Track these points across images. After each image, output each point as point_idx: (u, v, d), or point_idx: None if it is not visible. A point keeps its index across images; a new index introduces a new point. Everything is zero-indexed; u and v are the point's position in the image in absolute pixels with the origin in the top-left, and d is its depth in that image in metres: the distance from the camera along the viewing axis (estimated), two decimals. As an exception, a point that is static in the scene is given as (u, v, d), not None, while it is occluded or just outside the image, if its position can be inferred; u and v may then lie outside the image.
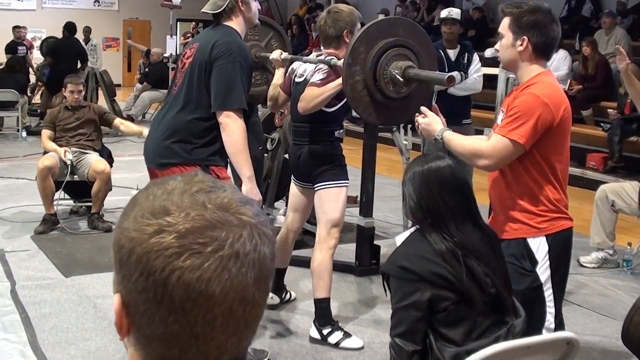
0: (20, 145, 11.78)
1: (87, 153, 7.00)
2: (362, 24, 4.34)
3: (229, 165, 4.17)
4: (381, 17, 6.89)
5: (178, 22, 23.01)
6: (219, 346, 0.95)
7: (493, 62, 8.49)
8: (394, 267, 2.77)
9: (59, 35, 16.16)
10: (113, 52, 25.42)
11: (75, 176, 6.91)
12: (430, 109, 3.55)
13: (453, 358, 2.63)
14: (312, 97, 4.35)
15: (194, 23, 23.81)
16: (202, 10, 4.14)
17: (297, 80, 4.65)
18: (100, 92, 13.78)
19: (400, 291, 2.74)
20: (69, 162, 6.76)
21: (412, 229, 2.93)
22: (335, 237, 4.57)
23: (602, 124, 10.71)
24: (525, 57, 3.33)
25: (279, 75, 4.86)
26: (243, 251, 0.94)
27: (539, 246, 3.33)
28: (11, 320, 4.78)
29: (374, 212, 6.18)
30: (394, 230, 7.13)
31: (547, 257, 3.33)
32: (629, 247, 6.32)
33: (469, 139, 3.56)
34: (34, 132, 12.03)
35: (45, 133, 7.12)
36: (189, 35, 22.90)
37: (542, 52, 3.36)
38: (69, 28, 13.83)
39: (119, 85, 20.76)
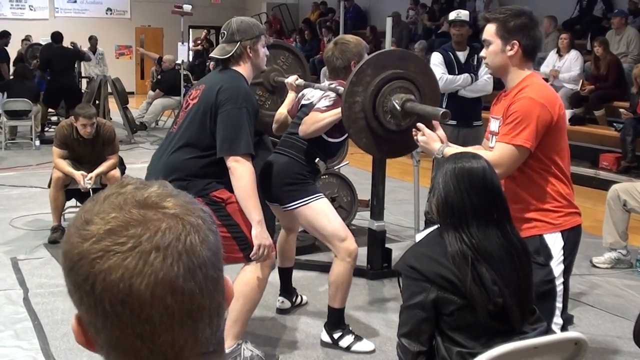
0: (33, 154, 11.84)
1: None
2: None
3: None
4: (389, 20, 6.93)
5: (190, 29, 23.11)
6: (172, 344, 0.94)
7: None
8: (405, 265, 2.76)
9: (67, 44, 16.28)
10: (126, 59, 25.54)
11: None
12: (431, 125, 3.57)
13: (461, 358, 2.62)
14: (313, 122, 4.35)
15: (205, 30, 23.95)
16: (211, 55, 4.17)
17: (303, 102, 4.67)
18: (112, 99, 13.83)
19: (408, 290, 2.73)
20: (88, 189, 6.61)
21: (432, 228, 2.92)
22: (348, 247, 4.41)
23: (614, 124, 10.66)
24: (515, 61, 3.37)
25: (289, 100, 4.88)
26: (163, 244, 0.92)
27: (555, 241, 3.35)
28: (24, 327, 4.80)
29: (386, 216, 6.18)
30: (406, 234, 7.13)
31: (562, 252, 3.36)
32: (642, 247, 6.29)
33: None
34: (47, 141, 12.07)
35: (57, 152, 6.87)
36: (199, 41, 23.03)
37: (530, 55, 3.41)
38: (55, 38, 13.87)
39: (132, 93, 20.85)
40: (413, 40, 16.20)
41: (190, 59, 18.79)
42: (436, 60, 7.06)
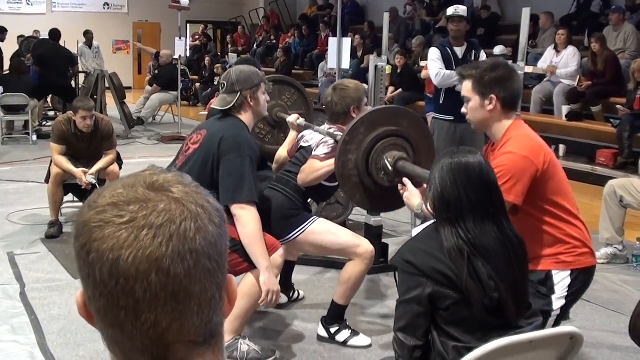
0: (31, 149, 11.81)
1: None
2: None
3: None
4: (387, 15, 6.93)
5: (188, 24, 23.06)
6: (155, 324, 0.96)
7: (502, 59, 8.45)
8: (401, 260, 2.76)
9: (70, 39, 16.24)
10: (123, 54, 25.52)
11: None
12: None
13: (456, 353, 2.63)
14: (312, 171, 4.39)
15: (203, 25, 23.92)
16: (212, 106, 4.19)
17: (303, 144, 4.69)
18: (109, 94, 13.82)
19: (404, 285, 2.74)
20: (90, 186, 6.60)
21: (429, 222, 2.93)
22: (366, 250, 4.39)
23: (611, 120, 10.66)
24: (496, 115, 3.39)
25: (290, 140, 4.92)
26: (157, 223, 0.95)
27: (562, 279, 3.36)
28: (20, 322, 4.80)
29: (383, 211, 6.18)
30: (403, 229, 7.14)
31: (567, 289, 3.37)
32: (638, 242, 6.29)
33: None
34: (44, 136, 12.07)
35: (56, 148, 6.84)
36: (198, 37, 23.01)
37: (510, 106, 3.42)
38: (53, 35, 13.82)
39: (129, 88, 20.83)
40: (410, 36, 16.20)
41: (188, 54, 18.75)
42: (434, 56, 7.07)
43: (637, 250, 6.25)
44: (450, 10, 7.24)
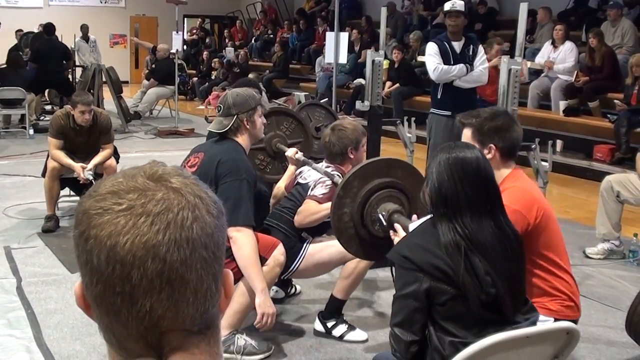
0: (27, 143, 11.79)
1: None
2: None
3: None
4: (384, 10, 6.92)
5: (185, 18, 23.04)
6: (150, 311, 0.96)
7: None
8: (398, 255, 2.76)
9: (66, 33, 16.22)
10: (120, 49, 25.50)
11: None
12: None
13: (453, 348, 2.62)
14: (309, 213, 4.43)
15: (200, 19, 23.90)
16: (209, 129, 4.21)
17: (300, 181, 4.70)
18: (106, 88, 13.80)
19: (401, 280, 2.73)
20: (88, 180, 6.60)
21: (426, 218, 2.92)
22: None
23: (609, 116, 10.66)
24: (494, 164, 3.39)
25: (288, 174, 4.94)
26: (155, 211, 0.96)
27: (545, 323, 3.37)
28: (17, 316, 4.79)
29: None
30: (400, 224, 7.13)
31: None
32: (634, 238, 6.30)
33: None
34: (41, 130, 12.05)
35: (54, 143, 6.81)
36: (195, 31, 22.98)
37: (508, 155, 3.47)
38: (47, 29, 13.81)
39: (126, 82, 20.81)
40: (408, 31, 16.19)
41: (185, 48, 18.74)
42: (431, 51, 7.06)
43: (633, 245, 6.26)
44: (447, 5, 7.22)
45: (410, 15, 17.41)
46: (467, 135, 3.48)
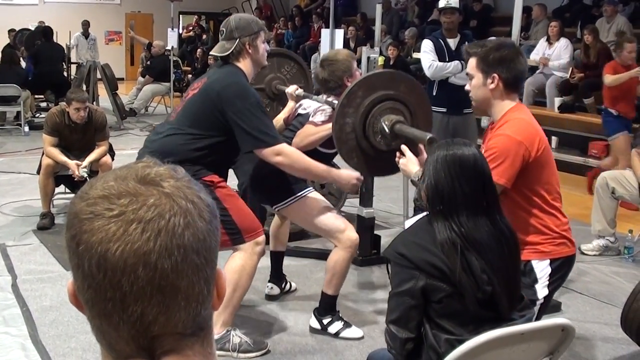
0: (22, 140, 11.75)
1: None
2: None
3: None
4: (379, 7, 6.91)
5: (180, 15, 23.00)
6: (141, 317, 0.96)
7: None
8: (394, 252, 2.75)
9: (62, 30, 16.18)
10: (116, 45, 25.43)
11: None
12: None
13: (449, 345, 2.63)
14: (306, 135, 4.41)
15: (196, 16, 23.86)
16: (211, 53, 4.18)
17: (300, 111, 4.69)
18: (101, 85, 13.78)
19: (397, 277, 2.73)
20: (83, 178, 6.59)
21: (422, 215, 2.92)
22: (350, 237, 4.41)
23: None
24: (497, 94, 3.39)
25: (288, 109, 4.91)
26: (146, 217, 0.95)
27: (542, 268, 3.39)
28: (12, 314, 4.79)
29: (376, 202, 6.19)
30: (395, 220, 7.15)
31: (548, 278, 3.39)
32: (630, 234, 6.32)
33: None
34: (36, 127, 12.02)
35: (49, 140, 6.81)
36: (192, 28, 22.94)
37: (512, 87, 3.43)
38: (45, 34, 13.85)
39: (122, 79, 20.75)
40: (403, 27, 16.18)
41: (182, 45, 18.72)
42: (426, 48, 7.06)
43: (628, 242, 6.27)
44: (442, 2, 7.22)
45: (405, 11, 17.40)
46: (471, 64, 3.45)
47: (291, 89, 4.93)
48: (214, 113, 3.92)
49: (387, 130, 3.78)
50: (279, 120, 4.87)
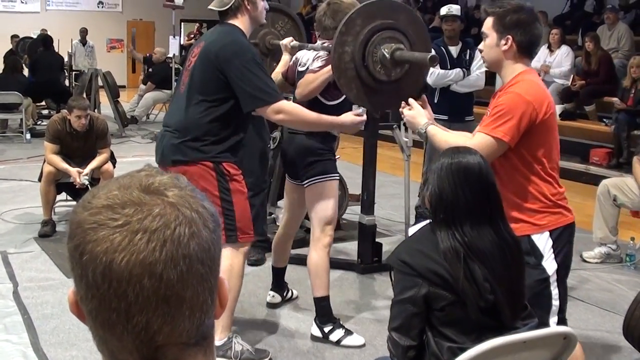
0: (24, 147, 11.75)
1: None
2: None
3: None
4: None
5: (182, 23, 23.01)
6: (146, 327, 0.96)
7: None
8: (397, 260, 2.74)
9: (64, 37, 16.20)
10: (117, 53, 25.44)
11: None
12: (419, 100, 3.55)
13: (451, 353, 2.62)
14: (307, 83, 4.37)
15: (198, 24, 23.87)
16: (209, 6, 4.14)
17: (300, 69, 4.63)
18: (103, 93, 13.78)
19: (400, 284, 2.72)
20: (84, 185, 6.57)
21: (424, 222, 2.91)
22: (330, 235, 4.51)
23: (605, 120, 10.67)
24: (510, 56, 3.36)
25: (283, 62, 4.85)
26: (151, 227, 0.95)
27: (543, 241, 3.34)
28: (13, 321, 4.79)
29: (377, 210, 6.17)
30: (397, 228, 7.13)
31: (552, 250, 3.34)
32: (631, 242, 6.30)
33: (453, 136, 3.52)
34: (38, 134, 12.02)
35: (50, 147, 6.79)
36: (193, 36, 22.95)
37: (526, 51, 3.39)
38: (44, 42, 13.88)
39: (123, 87, 20.75)
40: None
41: (183, 53, 18.63)
42: (428, 55, 7.06)
43: (630, 249, 6.26)
44: (443, 10, 7.24)
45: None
46: (487, 24, 3.40)
47: (286, 41, 4.89)
48: (216, 74, 3.88)
49: (387, 57, 3.74)
50: (277, 74, 4.81)
